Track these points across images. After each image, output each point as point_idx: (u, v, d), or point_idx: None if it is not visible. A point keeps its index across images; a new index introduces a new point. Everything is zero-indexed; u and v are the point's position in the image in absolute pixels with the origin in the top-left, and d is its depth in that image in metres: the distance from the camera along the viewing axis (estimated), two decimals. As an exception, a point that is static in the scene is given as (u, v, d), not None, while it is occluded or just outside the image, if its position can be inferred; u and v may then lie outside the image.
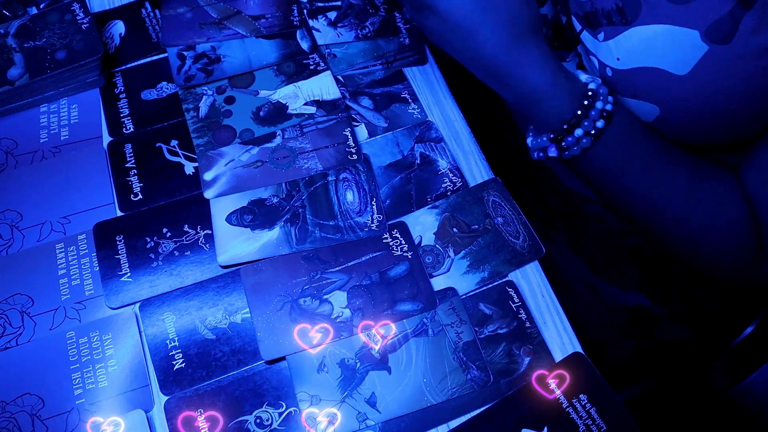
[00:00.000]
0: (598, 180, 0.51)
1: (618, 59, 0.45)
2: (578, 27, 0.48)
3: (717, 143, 0.49)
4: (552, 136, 0.49)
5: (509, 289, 0.52)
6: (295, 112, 0.61)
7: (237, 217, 0.55)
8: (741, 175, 0.49)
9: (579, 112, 0.47)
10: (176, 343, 0.50)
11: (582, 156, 0.49)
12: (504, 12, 0.44)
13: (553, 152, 0.50)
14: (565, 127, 0.48)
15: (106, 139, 0.60)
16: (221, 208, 0.55)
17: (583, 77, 0.48)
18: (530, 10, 0.45)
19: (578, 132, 0.47)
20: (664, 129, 0.47)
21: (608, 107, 0.47)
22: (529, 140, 0.53)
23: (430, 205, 0.56)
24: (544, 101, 0.48)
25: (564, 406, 0.47)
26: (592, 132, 0.47)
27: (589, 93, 0.47)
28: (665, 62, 0.43)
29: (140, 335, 0.50)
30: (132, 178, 0.57)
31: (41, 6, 0.65)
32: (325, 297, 0.52)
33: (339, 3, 0.67)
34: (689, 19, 0.40)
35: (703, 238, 0.50)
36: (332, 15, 0.66)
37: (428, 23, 0.48)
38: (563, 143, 0.49)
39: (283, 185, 0.56)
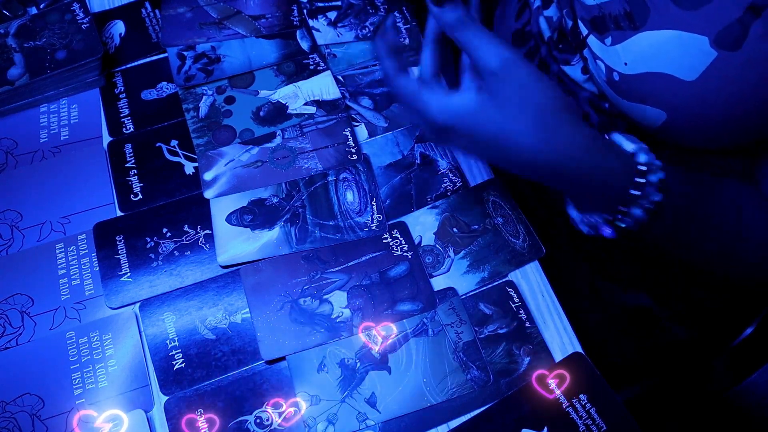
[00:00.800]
0: (657, 245, 0.47)
1: (626, 64, 0.45)
2: (585, 31, 0.48)
3: (722, 148, 0.49)
4: (607, 217, 0.45)
5: (509, 289, 0.52)
6: (295, 112, 0.61)
7: (237, 217, 0.55)
8: (760, 184, 0.49)
9: (634, 192, 0.42)
10: (176, 343, 0.50)
11: (640, 231, 0.45)
12: (531, 108, 0.40)
13: (608, 233, 0.45)
14: (621, 208, 0.43)
15: (106, 139, 0.60)
16: (221, 208, 0.55)
17: (629, 146, 0.43)
18: (556, 94, 0.41)
19: (636, 212, 0.43)
20: (670, 134, 0.47)
21: (662, 175, 0.42)
22: (572, 212, 0.49)
23: (430, 205, 0.56)
24: (594, 186, 0.43)
25: (564, 406, 0.47)
26: (651, 207, 0.43)
27: (642, 168, 0.42)
28: (674, 67, 0.42)
29: (140, 335, 0.50)
30: (132, 178, 0.57)
31: (41, 6, 0.65)
32: (325, 297, 0.52)
33: (339, 3, 0.67)
34: (698, 24, 0.40)
35: (751, 263, 0.48)
36: (332, 15, 0.66)
37: (455, 143, 0.44)
38: (621, 224, 0.44)
39: (283, 185, 0.56)
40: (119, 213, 0.56)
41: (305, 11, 0.66)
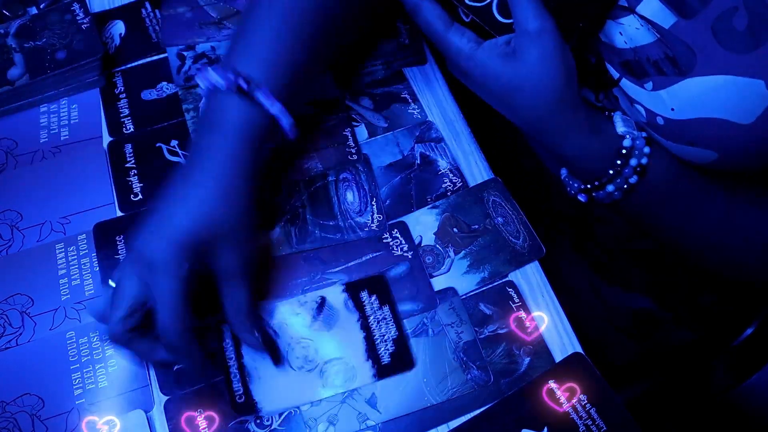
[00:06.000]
0: (631, 219, 0.51)
1: (672, 110, 0.43)
2: (615, 75, 0.46)
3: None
4: (583, 187, 0.49)
5: (509, 289, 0.52)
6: (295, 112, 0.60)
7: (237, 217, 0.55)
8: None
9: (611, 172, 0.46)
10: (176, 343, 0.50)
11: (613, 204, 0.49)
12: (543, 88, 0.44)
13: (582, 198, 0.50)
14: (596, 183, 0.47)
15: (106, 139, 0.60)
16: (221, 208, 0.55)
17: (620, 129, 0.46)
18: (569, 80, 0.44)
19: (610, 188, 0.47)
20: (719, 170, 0.46)
21: (643, 161, 0.46)
22: (563, 174, 0.52)
23: (430, 205, 0.56)
24: (577, 163, 0.48)
25: (566, 407, 0.47)
26: (625, 187, 0.46)
27: (624, 151, 0.45)
28: (728, 112, 0.41)
29: (140, 335, 0.50)
30: (132, 178, 0.57)
31: (41, 6, 0.65)
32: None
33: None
34: (753, 68, 0.39)
35: (742, 261, 0.50)
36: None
37: (469, 84, 0.48)
38: (594, 194, 0.48)
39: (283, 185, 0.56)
40: (119, 213, 0.56)
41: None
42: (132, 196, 0.56)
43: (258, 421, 0.47)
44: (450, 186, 0.57)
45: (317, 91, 0.61)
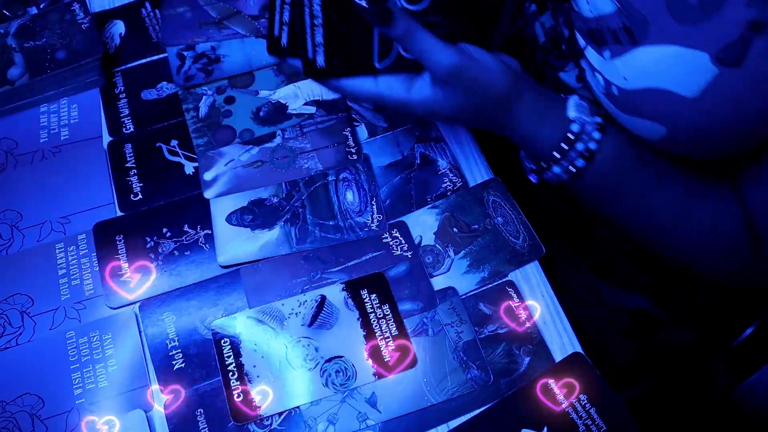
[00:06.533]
0: (583, 202, 0.53)
1: (625, 79, 0.44)
2: (582, 43, 0.48)
3: (719, 159, 0.49)
4: (534, 167, 0.52)
5: (509, 289, 0.52)
6: (295, 111, 0.61)
7: (237, 217, 0.55)
8: (741, 187, 0.49)
9: (557, 155, 0.49)
10: (176, 343, 0.50)
11: (562, 186, 0.51)
12: (473, 108, 0.48)
13: (533, 179, 0.53)
14: (543, 165, 0.50)
15: (106, 139, 0.60)
16: (221, 208, 0.55)
17: (572, 114, 0.49)
18: (497, 90, 0.48)
19: (556, 169, 0.49)
20: (668, 148, 0.47)
21: (591, 145, 0.48)
22: (521, 155, 0.55)
23: (430, 205, 0.56)
24: (527, 145, 0.51)
25: (564, 406, 0.47)
26: (571, 169, 0.49)
27: (571, 136, 0.48)
28: (674, 83, 0.42)
29: (140, 335, 0.50)
30: (132, 178, 0.57)
31: (41, 6, 0.65)
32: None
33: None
34: (699, 41, 0.40)
35: (700, 252, 0.51)
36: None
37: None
38: (543, 174, 0.51)
39: (283, 185, 0.56)
40: (119, 213, 0.56)
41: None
42: (132, 196, 0.56)
43: (258, 420, 0.47)
44: (450, 186, 0.57)
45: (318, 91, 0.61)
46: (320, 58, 0.47)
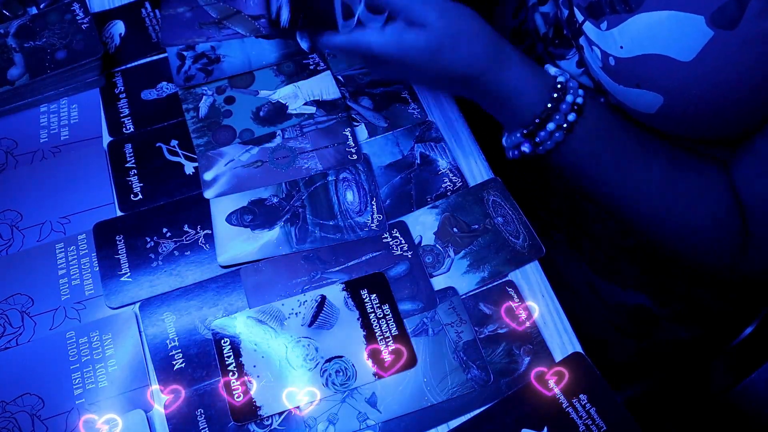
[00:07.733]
0: (574, 173, 0.52)
1: (621, 47, 0.45)
2: (581, 18, 0.48)
3: (716, 137, 0.49)
4: (525, 131, 0.51)
5: (509, 289, 0.52)
6: (295, 112, 0.61)
7: (237, 217, 0.55)
8: (731, 166, 0.49)
9: (550, 105, 0.48)
10: (176, 343, 0.50)
11: (555, 150, 0.51)
12: (457, 35, 0.48)
13: (526, 148, 0.52)
14: (537, 121, 0.49)
15: (106, 139, 0.60)
16: (221, 208, 0.55)
17: (553, 71, 0.50)
18: (480, 21, 0.49)
19: (550, 126, 0.49)
20: (666, 121, 0.47)
21: (579, 100, 0.49)
22: (503, 140, 0.55)
23: (430, 205, 0.56)
24: (516, 98, 0.50)
25: (564, 405, 0.47)
26: (564, 125, 0.49)
27: (558, 86, 0.48)
28: (670, 48, 0.42)
29: (140, 335, 0.50)
30: (132, 178, 0.57)
31: (41, 6, 0.65)
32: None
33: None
34: (694, 4, 0.40)
35: (684, 230, 0.51)
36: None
37: (385, 72, 0.54)
38: (536, 138, 0.50)
39: (283, 185, 0.56)
40: (119, 213, 0.56)
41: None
42: (132, 195, 0.56)
43: (258, 420, 0.47)
44: (450, 186, 0.57)
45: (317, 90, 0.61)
46: (284, 15, 0.48)
